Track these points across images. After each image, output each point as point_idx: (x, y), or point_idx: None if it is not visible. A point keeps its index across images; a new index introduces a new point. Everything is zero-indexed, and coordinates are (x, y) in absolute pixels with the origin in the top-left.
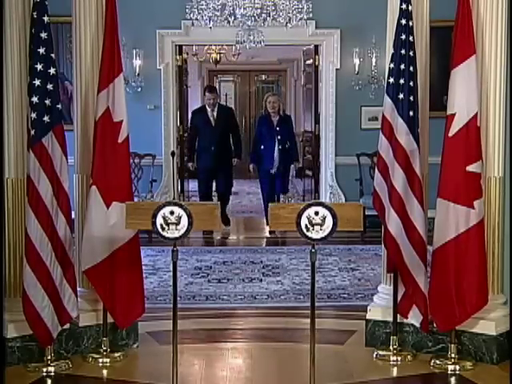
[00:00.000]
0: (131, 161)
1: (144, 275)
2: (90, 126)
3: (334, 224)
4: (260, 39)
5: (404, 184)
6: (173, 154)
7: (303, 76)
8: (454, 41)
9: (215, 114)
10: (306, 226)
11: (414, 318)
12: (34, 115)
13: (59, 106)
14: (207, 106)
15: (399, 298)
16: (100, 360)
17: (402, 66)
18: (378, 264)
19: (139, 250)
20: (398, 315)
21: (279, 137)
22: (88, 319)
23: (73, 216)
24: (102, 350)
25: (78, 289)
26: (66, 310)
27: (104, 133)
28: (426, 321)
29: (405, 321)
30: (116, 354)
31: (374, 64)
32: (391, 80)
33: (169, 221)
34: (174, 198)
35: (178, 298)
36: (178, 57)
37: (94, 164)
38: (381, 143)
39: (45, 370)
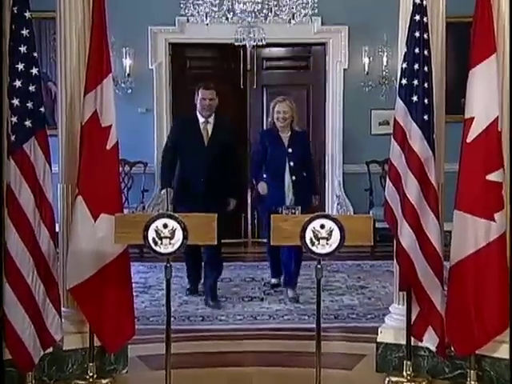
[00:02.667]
0: (121, 169)
1: (135, 294)
2: (76, 132)
3: (342, 238)
4: (261, 37)
5: (418, 194)
6: None
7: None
8: (472, 38)
9: (210, 126)
10: (311, 239)
11: (430, 340)
12: (14, 119)
13: (42, 109)
14: (200, 113)
15: (413, 319)
16: None
17: (416, 66)
18: (390, 281)
19: (129, 266)
20: (412, 338)
21: (292, 163)
22: (73, 342)
23: (57, 229)
24: (88, 376)
25: (63, 309)
26: (48, 333)
27: (91, 139)
28: (443, 344)
29: (419, 344)
30: (104, 381)
31: (385, 64)
32: (404, 81)
33: (162, 234)
34: (167, 210)
35: (172, 319)
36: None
37: (80, 173)
38: (392, 150)
39: None
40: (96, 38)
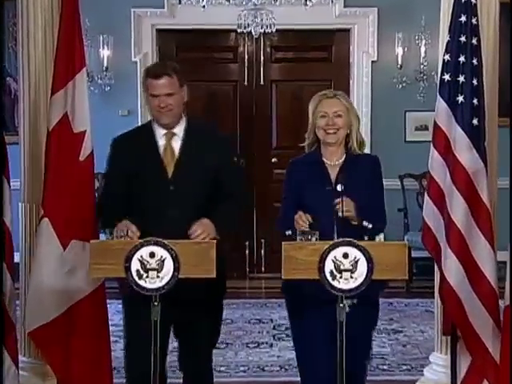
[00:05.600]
0: (97, 184)
1: (113, 339)
2: (42, 139)
3: (369, 270)
4: (270, 22)
5: (466, 216)
6: None
7: None
8: None
9: (177, 142)
10: (332, 272)
11: None
12: None
13: None
14: (155, 124)
15: (462, 372)
16: None
17: (462, 58)
18: (430, 324)
19: (106, 304)
20: None
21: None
22: None
23: (17, 259)
24: None
25: (21, 358)
26: None
27: (60, 148)
28: None
29: None
30: None
31: (423, 55)
32: (447, 77)
33: (148, 266)
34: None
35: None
36: None
37: (45, 189)
38: (432, 161)
39: None
40: (66, 23)
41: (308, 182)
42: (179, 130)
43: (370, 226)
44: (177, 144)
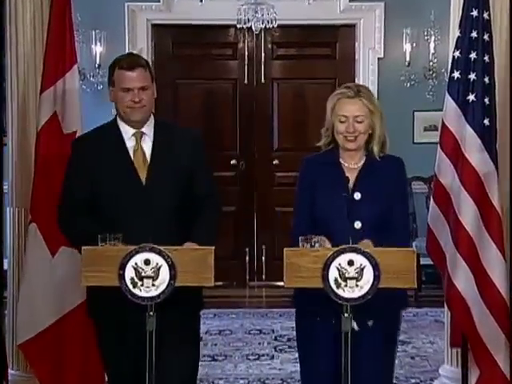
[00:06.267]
0: None
1: None
2: (31, 140)
3: (376, 278)
4: (271, 17)
5: (476, 220)
6: None
7: None
8: None
9: (148, 143)
10: (336, 280)
11: None
12: None
13: None
14: (123, 121)
15: None
16: None
17: (473, 55)
18: (440, 335)
19: None
20: None
21: (360, 223)
22: None
23: (5, 266)
24: None
25: (10, 371)
26: None
27: (50, 149)
28: None
29: None
30: None
31: (432, 51)
32: (457, 74)
33: (143, 273)
34: (150, 240)
35: None
36: None
37: (34, 193)
38: (439, 163)
39: None
40: (57, 17)
41: (322, 185)
42: (149, 129)
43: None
44: (147, 145)
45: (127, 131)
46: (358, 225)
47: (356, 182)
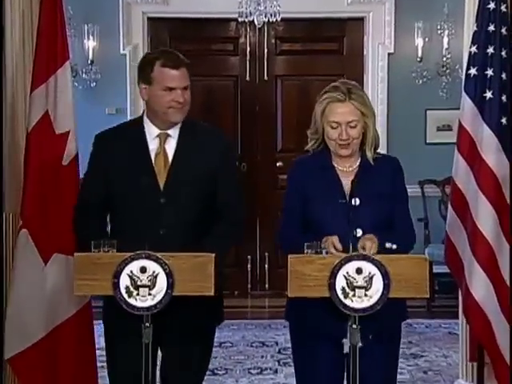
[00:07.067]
0: None
1: (99, 365)
2: (21, 141)
3: (386, 287)
4: (274, 10)
5: (494, 226)
6: None
7: None
8: None
9: (171, 146)
10: (344, 289)
11: None
12: None
13: None
14: (152, 122)
15: None
16: None
17: (490, 50)
18: (454, 348)
19: (92, 326)
20: None
21: (361, 231)
22: None
23: None
24: None
25: None
26: None
27: (41, 150)
28: None
29: None
30: None
31: (446, 46)
32: (473, 71)
33: (139, 282)
34: (146, 248)
35: None
36: None
37: (24, 197)
38: (457, 166)
39: None
40: (47, 10)
41: (317, 192)
42: (174, 131)
43: (395, 246)
44: (171, 148)
45: (152, 132)
46: (359, 233)
47: (353, 186)
